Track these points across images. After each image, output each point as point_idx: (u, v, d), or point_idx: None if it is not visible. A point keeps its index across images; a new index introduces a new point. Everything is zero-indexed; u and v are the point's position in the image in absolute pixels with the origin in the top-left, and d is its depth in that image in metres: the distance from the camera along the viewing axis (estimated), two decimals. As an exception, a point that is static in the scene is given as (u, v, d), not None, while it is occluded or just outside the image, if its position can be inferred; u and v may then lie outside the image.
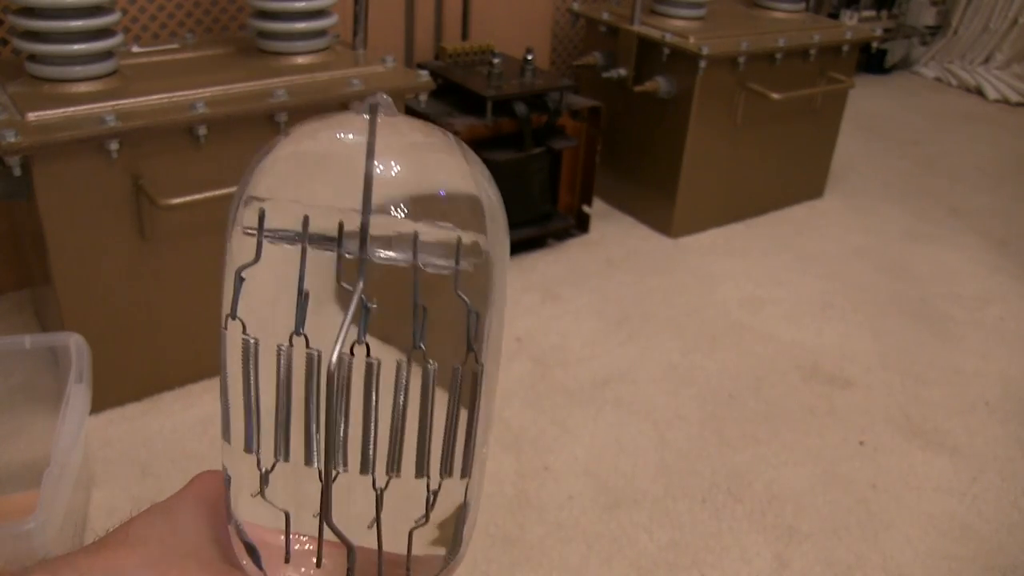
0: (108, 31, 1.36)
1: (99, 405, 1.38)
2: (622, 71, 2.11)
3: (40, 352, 1.23)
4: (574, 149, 2.03)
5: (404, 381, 0.27)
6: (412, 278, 0.27)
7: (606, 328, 1.79)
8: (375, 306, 0.26)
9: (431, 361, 0.27)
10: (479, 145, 1.87)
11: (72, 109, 1.27)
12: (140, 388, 1.47)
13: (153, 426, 1.42)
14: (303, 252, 0.27)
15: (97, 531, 0.32)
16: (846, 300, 1.96)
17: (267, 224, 0.28)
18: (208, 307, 1.50)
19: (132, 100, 1.32)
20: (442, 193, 0.29)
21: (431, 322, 0.27)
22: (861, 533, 1.31)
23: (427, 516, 0.29)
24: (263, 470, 0.29)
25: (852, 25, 2.41)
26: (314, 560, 0.29)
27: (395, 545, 0.29)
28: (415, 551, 0.30)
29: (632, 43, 2.08)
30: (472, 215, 0.29)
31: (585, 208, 2.13)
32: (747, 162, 2.22)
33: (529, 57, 1.91)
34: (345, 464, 0.28)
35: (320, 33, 1.57)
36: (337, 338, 0.26)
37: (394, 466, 0.28)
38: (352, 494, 0.28)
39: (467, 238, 0.28)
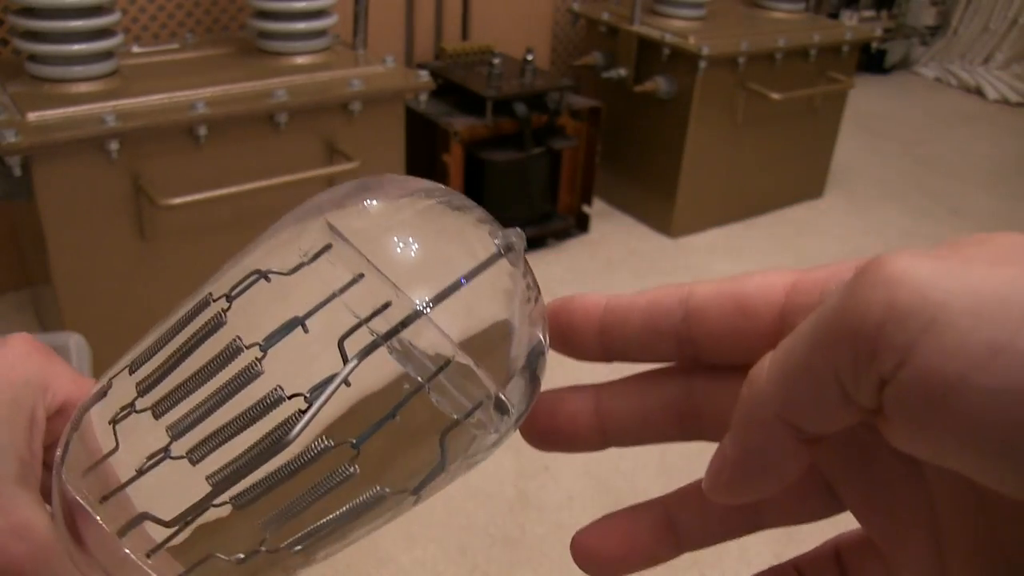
0: (108, 31, 1.36)
1: (99, 405, 1.38)
2: (622, 71, 2.11)
3: (40, 352, 1.23)
4: (574, 149, 2.03)
5: (315, 454, 0.23)
6: (406, 389, 0.23)
7: (606, 328, 1.79)
8: (349, 385, 0.23)
9: (354, 467, 0.23)
10: (479, 145, 1.87)
11: (72, 109, 1.27)
12: (140, 388, 1.46)
13: (153, 426, 1.42)
14: (331, 296, 0.24)
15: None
16: (846, 300, 1.95)
17: (332, 254, 0.24)
18: (208, 307, 1.50)
19: (132, 100, 1.32)
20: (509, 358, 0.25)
21: (390, 440, 0.24)
22: (861, 533, 1.31)
23: (244, 559, 0.25)
24: (136, 406, 0.24)
25: (852, 25, 2.41)
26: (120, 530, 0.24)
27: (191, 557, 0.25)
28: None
29: (632, 43, 2.08)
30: (514, 391, 0.25)
31: (585, 208, 2.13)
32: (747, 162, 2.22)
33: (529, 57, 1.91)
34: (220, 502, 0.23)
35: (320, 33, 1.57)
36: (308, 413, 0.22)
37: (263, 537, 0.24)
38: (189, 488, 0.24)
39: (499, 405, 0.25)
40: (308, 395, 0.23)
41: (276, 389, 0.23)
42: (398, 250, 0.25)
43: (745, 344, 0.22)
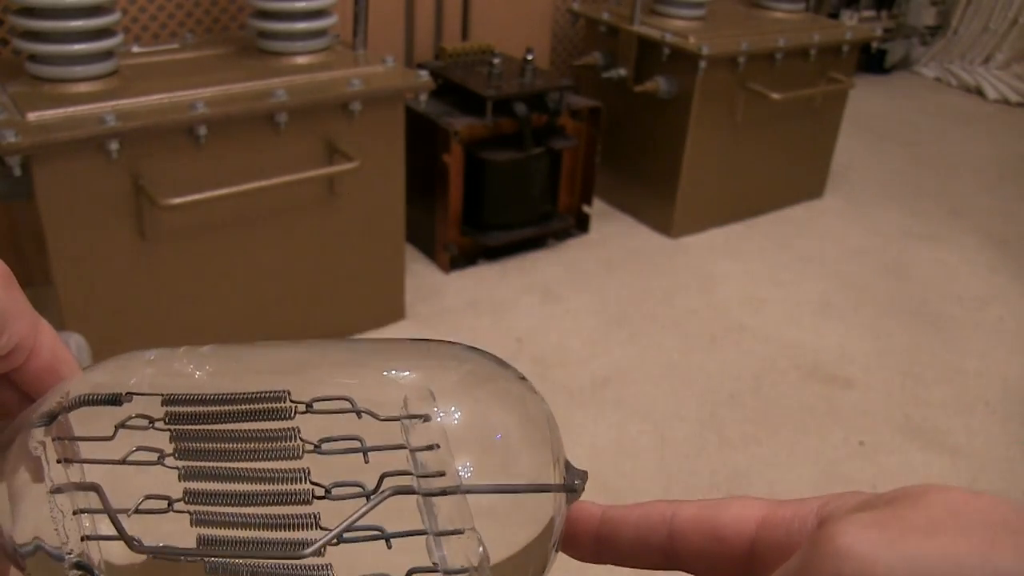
0: (108, 31, 1.36)
1: (99, 405, 1.38)
2: (622, 71, 2.11)
3: (40, 352, 1.23)
4: (574, 149, 2.03)
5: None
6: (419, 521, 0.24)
7: (606, 328, 1.79)
8: (387, 538, 0.23)
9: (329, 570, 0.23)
10: (479, 145, 1.87)
11: (72, 109, 1.27)
12: (140, 388, 1.46)
13: (153, 426, 1.42)
14: (382, 448, 0.24)
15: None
16: (846, 300, 1.96)
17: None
18: (208, 306, 1.50)
19: (132, 100, 1.32)
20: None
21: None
22: (861, 533, 1.31)
23: None
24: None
25: (852, 25, 2.41)
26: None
27: None
28: None
29: (632, 43, 2.08)
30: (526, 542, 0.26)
31: (585, 208, 2.13)
32: (747, 162, 2.22)
33: (529, 57, 1.91)
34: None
35: (320, 33, 1.57)
36: (329, 534, 0.23)
37: None
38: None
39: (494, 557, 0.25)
40: (328, 488, 0.23)
41: (301, 471, 0.23)
42: (476, 431, 0.26)
43: (720, 564, 0.25)
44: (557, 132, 1.96)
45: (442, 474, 0.24)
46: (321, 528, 0.23)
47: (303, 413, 0.25)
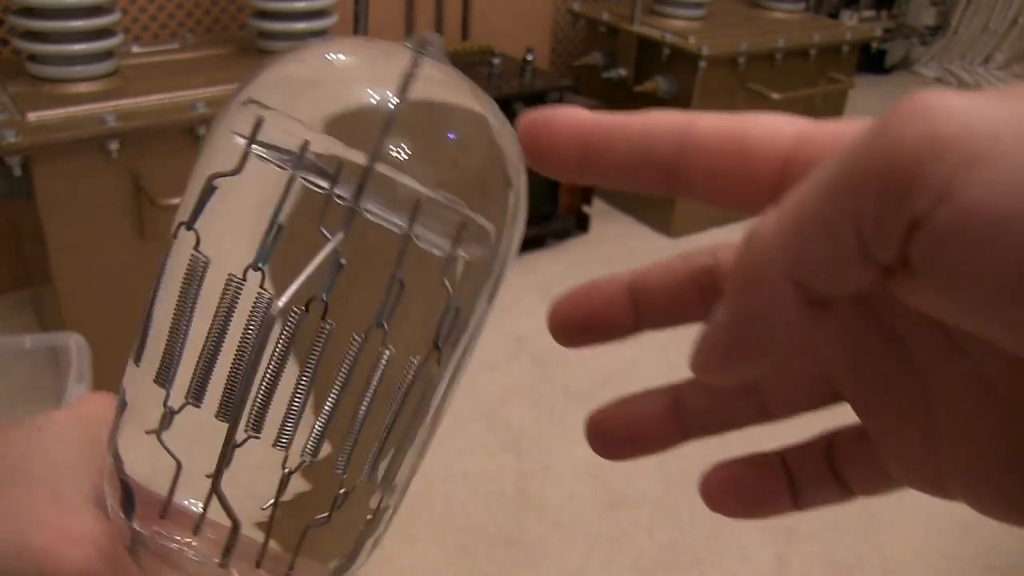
0: (108, 31, 1.36)
1: (99, 405, 1.38)
2: (622, 71, 2.11)
3: (40, 352, 1.23)
4: (574, 149, 2.03)
5: (352, 360, 0.23)
6: (397, 247, 0.23)
7: (606, 328, 1.79)
8: (344, 262, 0.23)
9: (389, 347, 0.23)
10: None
11: (72, 109, 1.27)
12: (140, 388, 1.47)
13: (153, 426, 1.42)
14: (290, 180, 0.23)
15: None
16: (846, 300, 1.96)
17: (261, 137, 0.24)
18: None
19: (132, 100, 1.32)
20: (467, 166, 0.25)
21: (403, 306, 0.24)
22: (861, 533, 1.31)
23: (330, 517, 0.25)
24: (168, 408, 0.25)
25: (852, 25, 2.41)
26: (191, 528, 0.25)
27: (284, 538, 0.25)
28: (306, 553, 0.25)
29: (632, 43, 2.08)
30: (493, 201, 0.26)
31: (585, 208, 2.13)
32: (747, 162, 2.22)
33: (529, 57, 1.91)
34: (259, 430, 0.23)
35: (320, 33, 1.57)
36: (293, 283, 0.22)
37: (313, 451, 0.24)
38: (260, 471, 0.24)
39: (479, 224, 0.25)
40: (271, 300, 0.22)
41: (263, 295, 0.23)
42: (321, 103, 0.24)
43: (739, 189, 0.20)
44: (557, 132, 1.96)
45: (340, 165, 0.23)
46: None
47: (199, 244, 0.25)
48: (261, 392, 0.23)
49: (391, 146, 0.23)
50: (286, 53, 0.26)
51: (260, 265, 0.23)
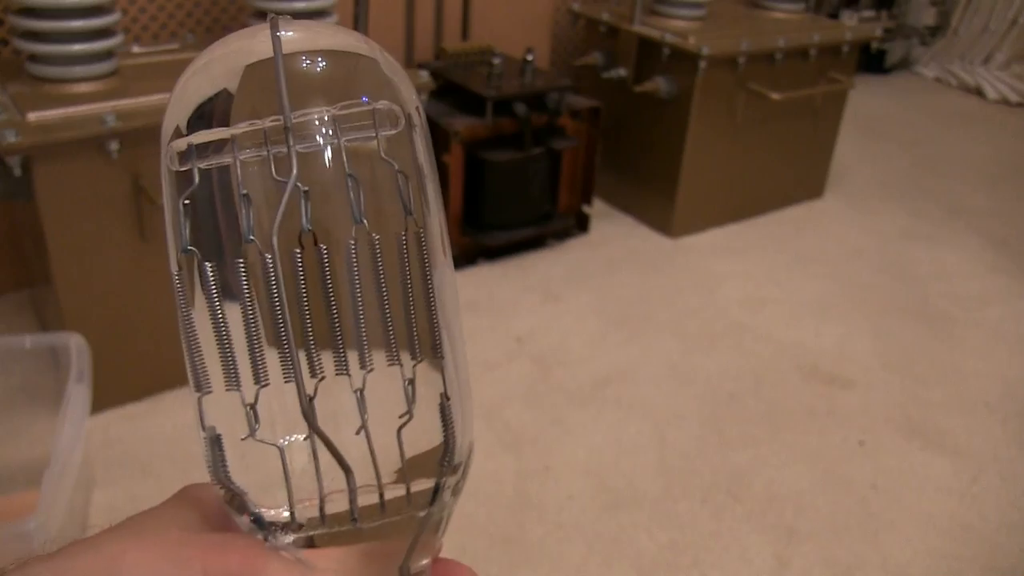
0: (108, 31, 1.36)
1: (99, 405, 1.38)
2: (622, 71, 2.11)
3: (40, 352, 1.23)
4: (574, 149, 2.03)
5: (353, 260, 0.26)
6: (335, 164, 0.26)
7: (606, 328, 1.79)
8: (307, 189, 0.26)
9: (374, 235, 0.26)
10: (479, 145, 1.87)
11: (72, 109, 1.27)
12: (140, 388, 1.47)
13: (153, 426, 1.42)
14: (234, 164, 0.26)
15: (98, 531, 0.28)
16: (846, 300, 1.96)
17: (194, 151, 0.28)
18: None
19: (132, 100, 1.32)
20: (348, 75, 0.29)
21: (369, 203, 0.27)
22: (861, 533, 1.31)
23: (410, 411, 0.27)
24: (249, 403, 0.27)
25: (852, 25, 2.41)
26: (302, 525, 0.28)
27: (385, 457, 0.28)
28: (408, 452, 0.28)
29: (632, 43, 2.08)
30: (380, 86, 0.28)
31: (585, 208, 2.13)
32: (747, 162, 2.22)
33: (529, 57, 1.91)
34: (321, 369, 0.26)
35: (320, 33, 1.57)
36: (275, 217, 0.25)
37: (366, 361, 0.27)
38: (330, 415, 0.27)
39: (388, 109, 0.28)
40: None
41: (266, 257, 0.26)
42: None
43: None
44: (557, 132, 1.96)
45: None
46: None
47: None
48: (309, 334, 0.26)
49: (292, 88, 0.26)
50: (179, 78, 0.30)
51: (250, 237, 0.26)
